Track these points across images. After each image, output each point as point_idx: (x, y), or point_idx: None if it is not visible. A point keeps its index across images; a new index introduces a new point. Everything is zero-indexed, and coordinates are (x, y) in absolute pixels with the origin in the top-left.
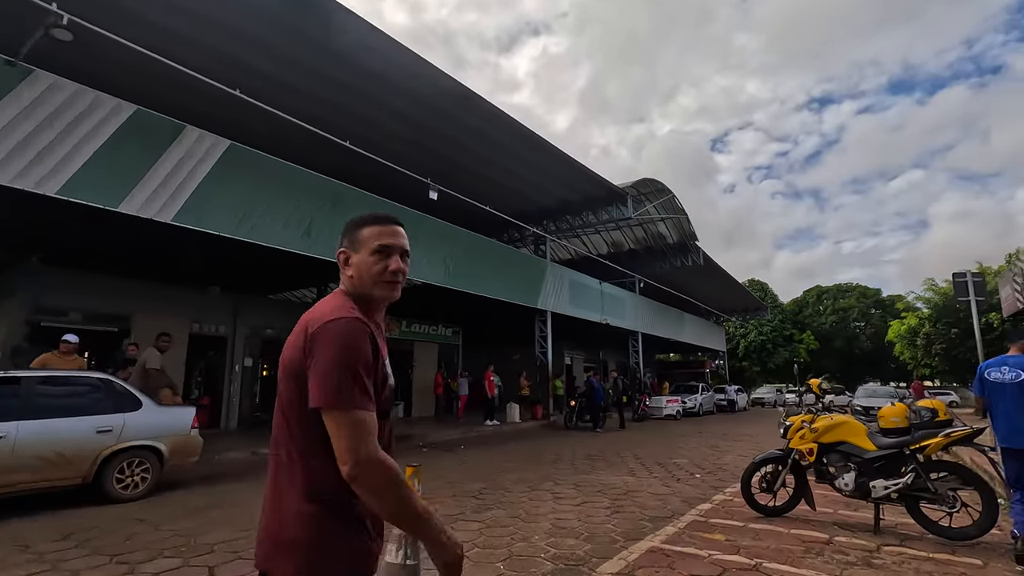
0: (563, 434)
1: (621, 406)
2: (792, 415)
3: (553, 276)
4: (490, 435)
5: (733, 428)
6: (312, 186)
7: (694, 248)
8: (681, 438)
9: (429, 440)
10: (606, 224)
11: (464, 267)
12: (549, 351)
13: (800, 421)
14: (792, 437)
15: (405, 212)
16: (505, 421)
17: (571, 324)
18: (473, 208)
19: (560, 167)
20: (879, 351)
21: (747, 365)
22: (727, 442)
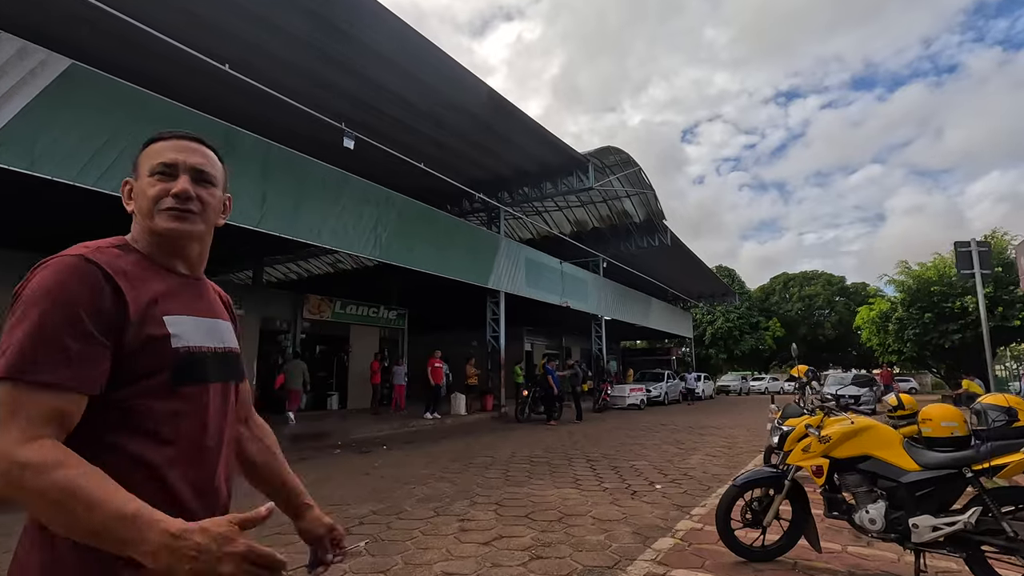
0: (511, 428)
1: (578, 396)
2: (792, 415)
3: (508, 253)
4: (426, 431)
5: (700, 419)
6: (193, 124)
7: (662, 228)
8: (643, 432)
9: (350, 438)
10: (566, 197)
11: (399, 238)
12: (502, 335)
13: (803, 425)
14: (791, 449)
15: (320, 169)
16: (450, 413)
17: (530, 308)
18: (411, 171)
19: (516, 129)
20: (842, 339)
21: (713, 352)
22: (693, 437)
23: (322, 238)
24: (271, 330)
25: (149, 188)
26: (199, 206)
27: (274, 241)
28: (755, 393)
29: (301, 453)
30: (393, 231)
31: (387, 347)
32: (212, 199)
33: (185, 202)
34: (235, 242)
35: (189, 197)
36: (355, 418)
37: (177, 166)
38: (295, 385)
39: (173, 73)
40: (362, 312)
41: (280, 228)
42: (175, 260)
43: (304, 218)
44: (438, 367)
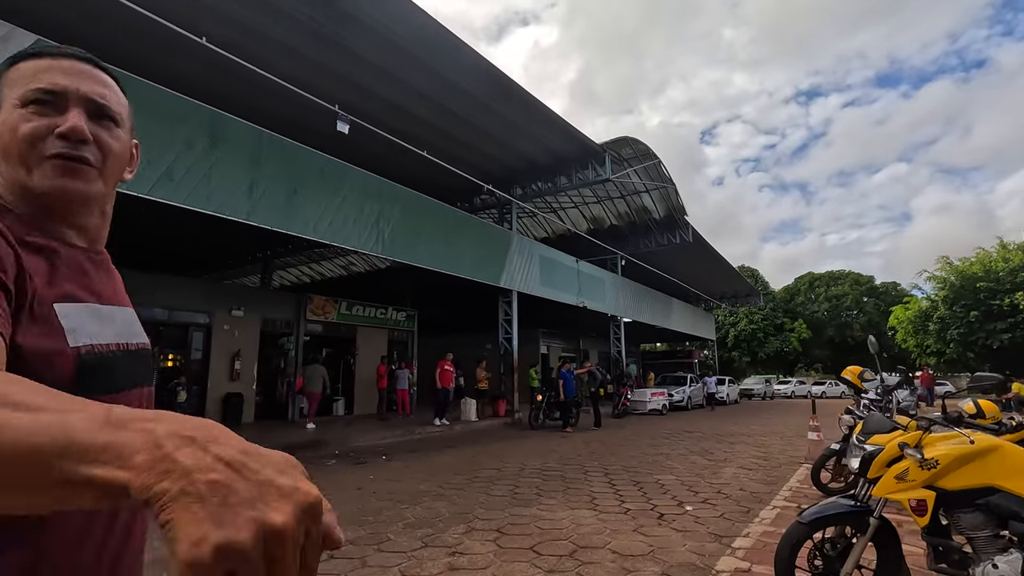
0: (524, 436)
1: (597, 400)
2: (878, 430)
3: (520, 250)
4: (433, 439)
5: (727, 426)
6: (174, 109)
7: (683, 224)
8: (666, 440)
9: (350, 446)
10: (582, 193)
11: (404, 234)
12: (515, 337)
13: (895, 444)
14: (879, 476)
15: (317, 159)
16: (460, 419)
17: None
18: (416, 165)
19: (525, 115)
20: None
21: (737, 355)
22: (722, 446)
23: (319, 232)
24: (272, 332)
25: (22, 123)
26: (98, 155)
27: (277, 238)
28: (780, 397)
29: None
30: (397, 226)
31: (396, 350)
32: (116, 144)
33: (78, 146)
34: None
35: (84, 139)
36: (360, 425)
37: (66, 95)
38: (315, 388)
39: (150, 52)
40: (369, 313)
41: (272, 221)
42: (64, 228)
43: (299, 211)
44: (448, 370)
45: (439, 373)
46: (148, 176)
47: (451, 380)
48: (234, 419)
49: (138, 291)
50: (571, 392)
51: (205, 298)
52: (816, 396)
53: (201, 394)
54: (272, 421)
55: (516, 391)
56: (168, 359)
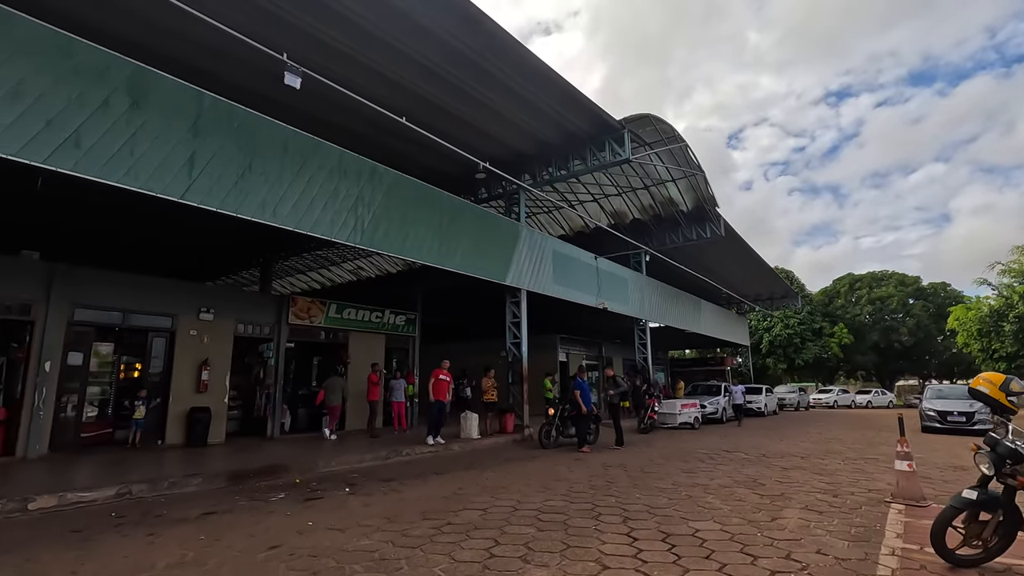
0: (531, 457)
1: (618, 413)
2: None
3: (530, 244)
4: (422, 461)
5: (772, 443)
6: (86, 63)
7: (714, 216)
8: (702, 464)
9: (316, 472)
10: (601, 183)
11: (388, 222)
12: (524, 342)
13: None
14: None
15: (276, 130)
16: (460, 437)
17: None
18: (406, 149)
19: (529, 81)
20: (920, 345)
21: (772, 362)
22: (773, 472)
23: (279, 217)
24: (250, 338)
25: None
26: None
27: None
28: (823, 407)
29: (219, 499)
30: (380, 213)
31: (396, 357)
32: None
33: None
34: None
35: None
36: (345, 443)
37: None
38: (335, 401)
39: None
40: (362, 317)
41: (215, 201)
42: None
43: (254, 191)
44: (443, 380)
45: (432, 383)
46: (46, 139)
47: (447, 391)
48: (198, 437)
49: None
50: (589, 403)
51: (167, 298)
52: (861, 406)
53: (162, 409)
54: (246, 438)
55: (527, 403)
56: (122, 369)
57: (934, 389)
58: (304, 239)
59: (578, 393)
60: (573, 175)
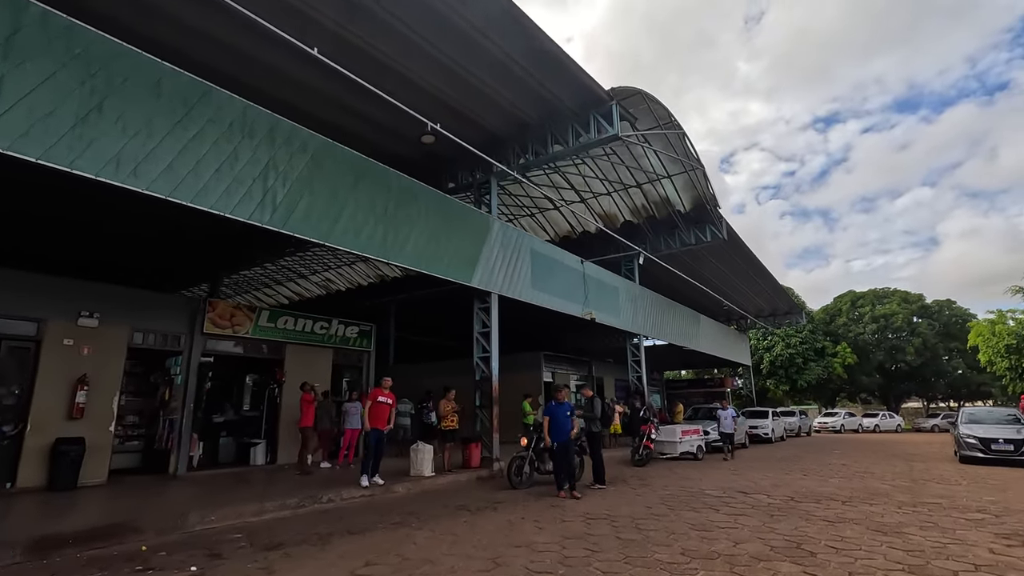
0: (492, 504)
1: (598, 444)
2: None
3: (504, 241)
4: (345, 511)
5: (792, 478)
6: None
7: (715, 217)
8: (715, 513)
9: (186, 531)
10: (587, 178)
11: (312, 198)
12: (494, 356)
13: None
14: None
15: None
16: (409, 474)
17: (549, 327)
18: (345, 119)
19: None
20: (928, 365)
21: (773, 384)
22: (817, 528)
23: (143, 180)
24: (151, 350)
25: None
26: None
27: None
28: (828, 431)
29: None
30: (300, 186)
31: (349, 376)
32: None
33: None
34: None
35: None
36: (257, 481)
37: None
38: (325, 425)
39: None
40: (303, 327)
41: (34, 149)
42: None
43: (102, 140)
44: (383, 404)
45: (369, 408)
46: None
47: (387, 418)
48: (65, 477)
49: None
50: (563, 435)
51: (31, 298)
52: (868, 430)
53: (19, 439)
54: (143, 476)
55: (497, 431)
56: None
57: (972, 412)
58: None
59: (547, 421)
60: (554, 158)
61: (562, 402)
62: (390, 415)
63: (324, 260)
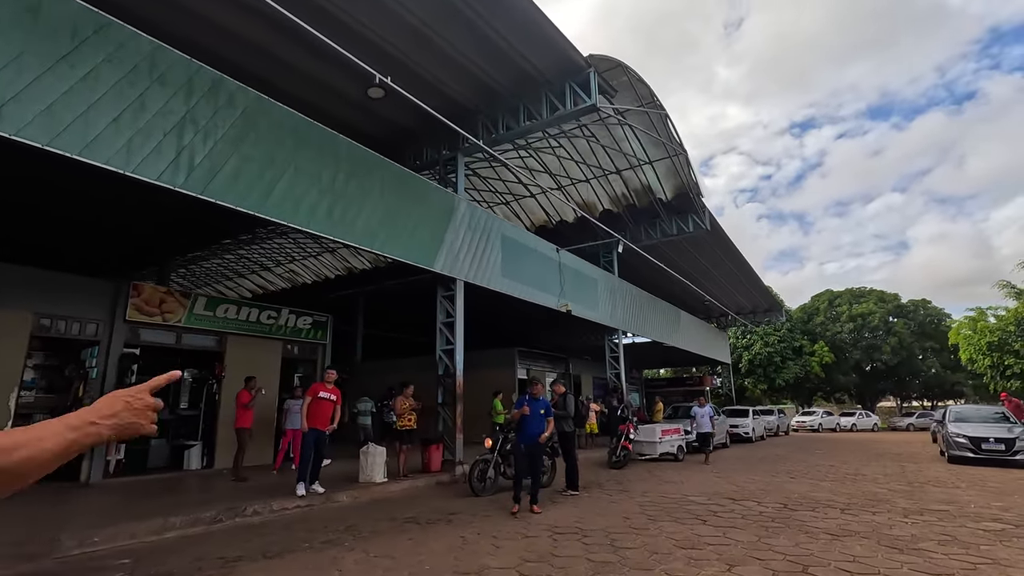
0: (447, 515)
1: (572, 445)
2: None
3: (471, 224)
4: (270, 527)
5: (781, 481)
6: None
7: (698, 206)
8: (702, 525)
9: (54, 557)
10: (563, 160)
11: (241, 162)
12: (458, 349)
13: None
14: None
15: None
16: (359, 481)
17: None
18: (287, 80)
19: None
20: (904, 365)
21: (751, 383)
22: (823, 545)
23: (4, 123)
24: (63, 339)
25: None
26: None
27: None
28: (806, 430)
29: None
30: (226, 147)
31: (302, 371)
32: None
33: None
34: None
35: None
36: (185, 489)
37: None
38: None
39: None
40: (247, 316)
41: None
42: None
43: None
44: (324, 400)
45: (308, 405)
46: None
47: (329, 417)
48: None
49: None
50: (532, 437)
51: None
52: (846, 429)
53: None
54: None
55: (460, 432)
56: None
57: (955, 411)
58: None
59: (518, 414)
60: (526, 131)
61: (537, 398)
62: (334, 413)
63: (287, 251)
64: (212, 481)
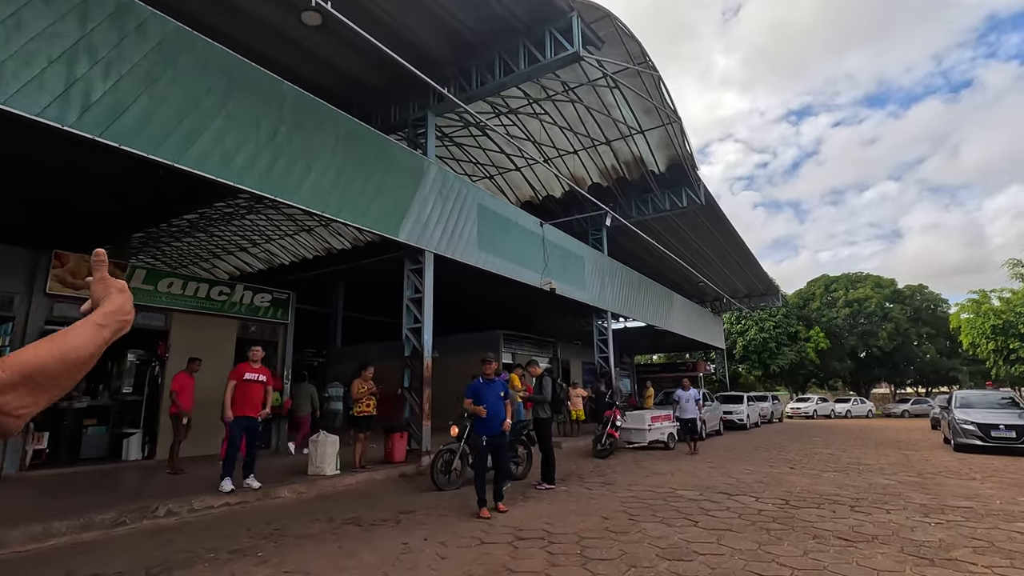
0: (396, 513)
1: (546, 433)
2: None
3: (442, 189)
4: (178, 531)
5: (779, 472)
6: None
7: (693, 180)
8: (691, 528)
9: None
10: (548, 129)
11: (154, 104)
12: (427, 328)
13: None
14: None
15: None
16: (308, 473)
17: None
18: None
19: None
20: (899, 350)
21: (744, 369)
22: (836, 553)
23: None
24: None
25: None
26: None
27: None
28: (801, 417)
29: None
30: (134, 83)
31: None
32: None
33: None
34: None
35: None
36: (104, 484)
37: None
38: (303, 411)
39: None
40: (194, 292)
41: None
42: None
43: None
44: (251, 384)
45: (230, 391)
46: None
47: (260, 402)
48: None
49: None
50: (493, 426)
51: None
52: (840, 415)
53: None
54: None
55: (428, 418)
56: None
57: (961, 396)
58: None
59: (469, 403)
60: (502, 86)
61: (491, 379)
62: (265, 397)
63: (261, 229)
64: (144, 474)
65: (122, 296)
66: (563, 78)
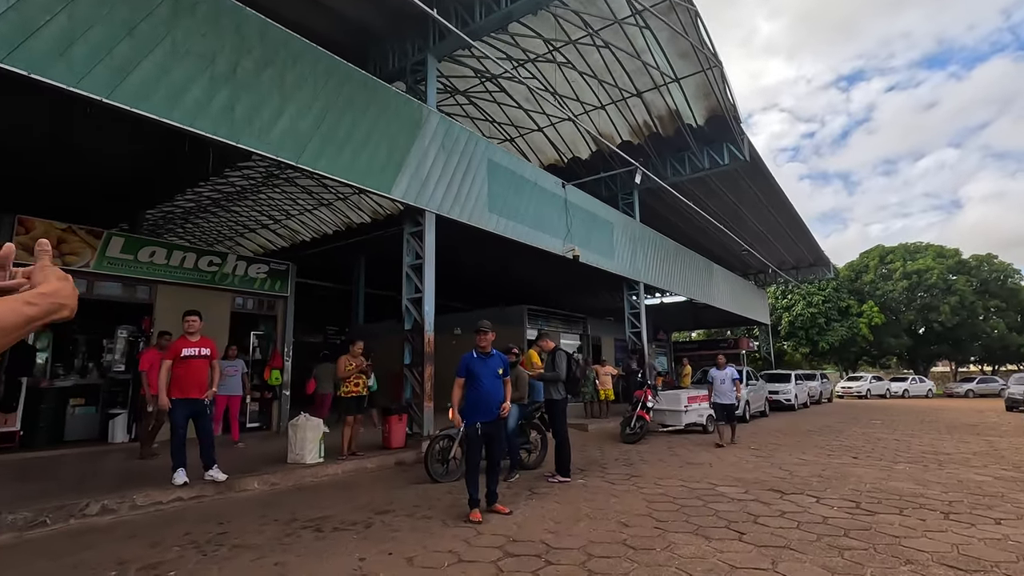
0: (370, 515)
1: (561, 418)
2: None
3: (444, 142)
4: (93, 535)
5: (838, 463)
6: None
7: (736, 134)
8: (733, 545)
9: None
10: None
11: (74, 24)
12: (428, 298)
13: None
14: None
15: None
16: (286, 462)
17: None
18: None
19: None
20: (963, 326)
21: (790, 346)
22: None
23: None
24: None
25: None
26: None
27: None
28: (852, 397)
29: None
30: (42, 1)
31: (263, 328)
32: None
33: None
34: None
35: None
36: (67, 472)
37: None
38: (326, 390)
39: None
40: (180, 262)
41: None
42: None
43: None
44: (191, 360)
45: (165, 371)
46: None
47: (205, 380)
48: None
49: None
50: (488, 412)
51: None
52: (896, 395)
53: None
54: None
55: (430, 399)
56: None
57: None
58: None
59: (459, 389)
60: (507, 16)
61: (487, 353)
62: (210, 375)
63: (279, 205)
64: (115, 459)
65: (61, 282)
66: (586, 16)
